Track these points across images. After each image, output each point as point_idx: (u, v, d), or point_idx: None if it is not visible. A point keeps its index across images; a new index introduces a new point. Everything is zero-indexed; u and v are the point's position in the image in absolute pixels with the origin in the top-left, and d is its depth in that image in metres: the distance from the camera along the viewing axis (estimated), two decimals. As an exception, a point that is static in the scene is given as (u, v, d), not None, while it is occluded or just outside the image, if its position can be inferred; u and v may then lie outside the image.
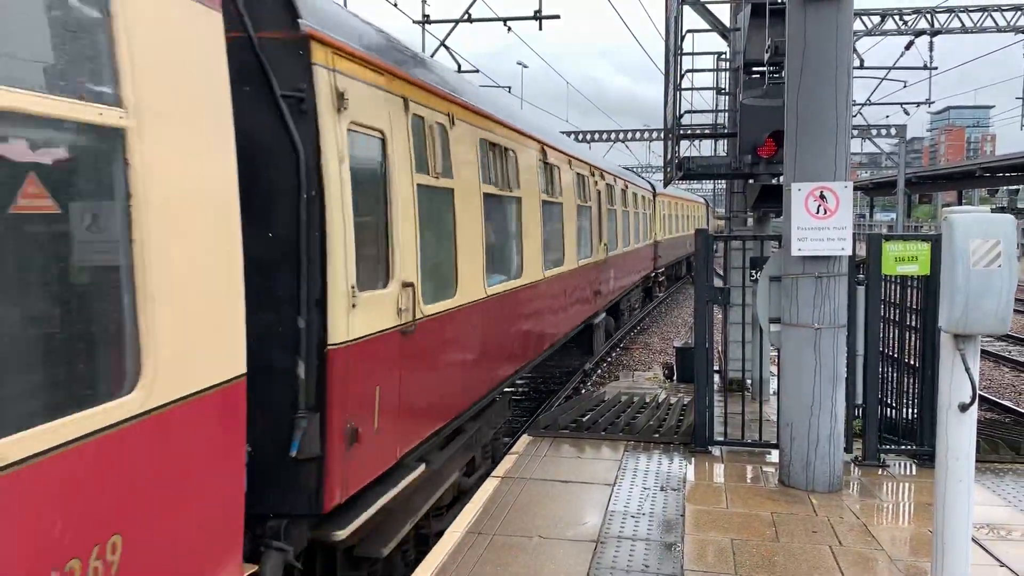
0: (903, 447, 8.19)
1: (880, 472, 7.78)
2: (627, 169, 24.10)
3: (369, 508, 5.18)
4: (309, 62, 4.64)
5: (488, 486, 7.33)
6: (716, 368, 11.06)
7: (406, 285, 5.77)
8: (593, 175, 14.22)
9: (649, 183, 25.35)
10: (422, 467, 6.13)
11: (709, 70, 12.00)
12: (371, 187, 5.42)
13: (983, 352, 17.72)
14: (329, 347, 4.73)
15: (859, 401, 7.96)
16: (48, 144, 2.80)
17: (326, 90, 4.75)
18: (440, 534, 6.36)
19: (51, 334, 2.87)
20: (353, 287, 4.95)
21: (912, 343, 8.24)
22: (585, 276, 13.51)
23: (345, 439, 4.83)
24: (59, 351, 2.90)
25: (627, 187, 18.74)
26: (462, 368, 7.26)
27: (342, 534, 4.84)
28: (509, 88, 31.51)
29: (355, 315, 4.98)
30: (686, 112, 11.70)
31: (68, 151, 2.91)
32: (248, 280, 3.88)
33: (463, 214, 7.19)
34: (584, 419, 9.45)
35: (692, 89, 11.98)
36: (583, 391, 14.05)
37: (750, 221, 11.87)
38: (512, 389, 10.65)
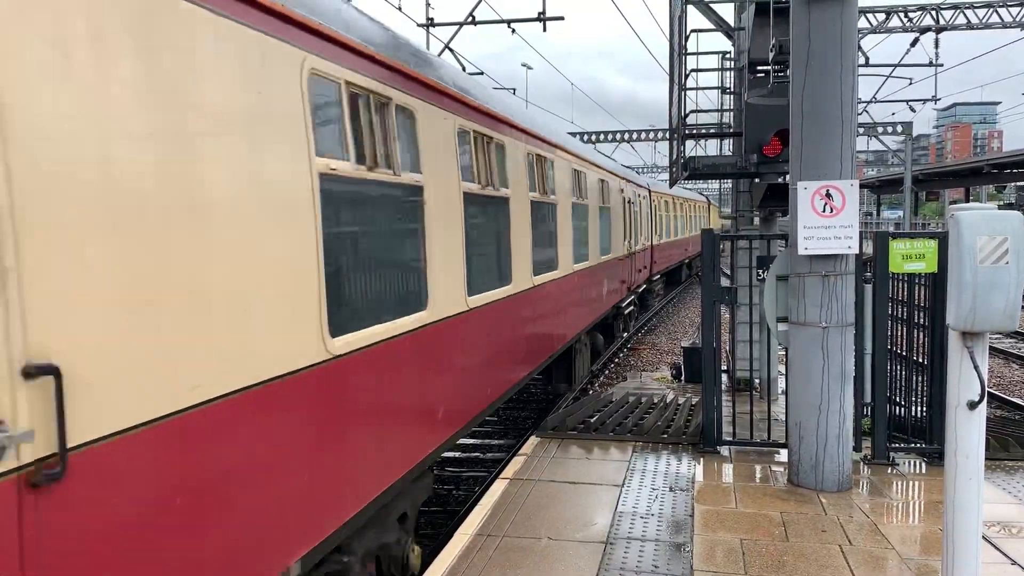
0: (912, 445, 8.16)
1: (889, 471, 7.75)
2: (630, 169, 23.20)
3: None
4: None
5: (497, 488, 7.33)
6: (724, 368, 11.04)
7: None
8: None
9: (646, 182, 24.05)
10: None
11: (714, 69, 12.00)
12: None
13: (992, 349, 17.67)
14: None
15: (868, 400, 7.94)
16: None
17: None
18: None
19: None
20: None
21: (920, 341, 8.22)
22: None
23: None
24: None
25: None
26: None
27: None
28: (514, 90, 31.52)
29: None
30: (691, 112, 11.70)
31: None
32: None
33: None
34: (592, 420, 9.45)
35: (697, 89, 11.98)
36: (591, 392, 14.04)
37: (756, 220, 11.86)
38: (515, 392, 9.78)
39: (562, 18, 18.96)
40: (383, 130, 5.41)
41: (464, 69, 19.25)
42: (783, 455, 7.98)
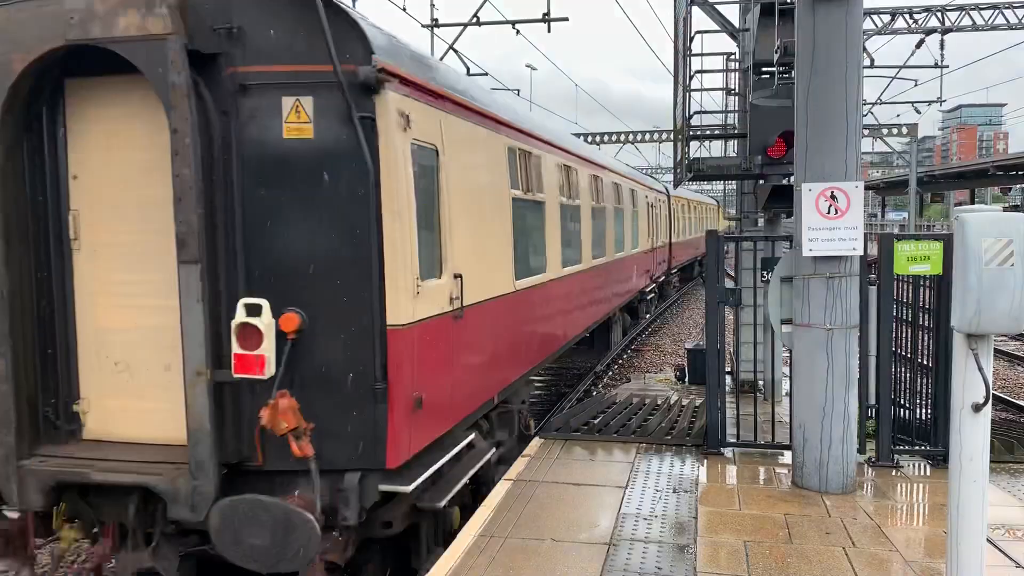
0: (917, 448, 8.14)
1: (894, 473, 7.74)
2: (637, 170, 25.27)
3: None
4: None
5: (500, 489, 7.33)
6: (728, 369, 11.02)
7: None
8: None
9: (664, 186, 27.25)
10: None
11: (718, 71, 11.99)
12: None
13: (996, 351, 17.62)
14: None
15: (872, 402, 7.92)
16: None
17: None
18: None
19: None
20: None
21: (925, 343, 8.20)
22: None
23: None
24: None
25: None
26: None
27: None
28: (518, 91, 31.50)
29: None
30: (696, 113, 11.69)
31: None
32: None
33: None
34: (596, 421, 9.45)
35: (702, 90, 11.97)
36: (594, 393, 14.04)
37: (761, 222, 11.84)
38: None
39: (566, 19, 18.96)
40: (528, 168, 9.22)
41: (468, 71, 19.28)
42: (787, 457, 7.96)
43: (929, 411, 8.17)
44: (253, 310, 5.17)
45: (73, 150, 5.62)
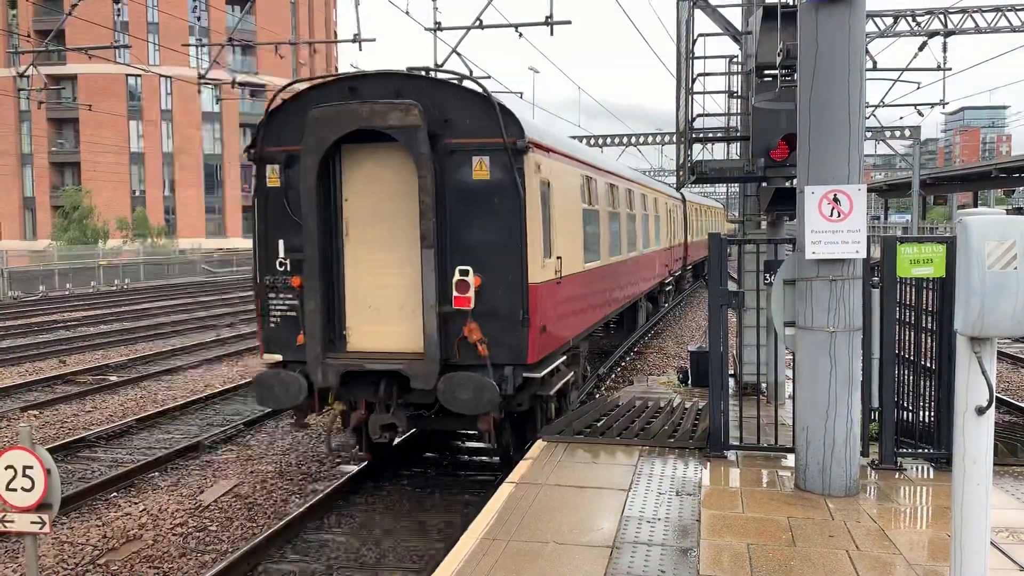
0: (920, 450, 8.13)
1: (897, 476, 7.73)
2: (641, 172, 27.51)
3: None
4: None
5: (503, 492, 7.33)
6: (731, 372, 11.02)
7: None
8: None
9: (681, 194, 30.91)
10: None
11: (721, 74, 11.99)
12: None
13: (999, 354, 17.57)
14: None
15: (875, 404, 7.91)
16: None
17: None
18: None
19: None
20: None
21: (928, 345, 8.19)
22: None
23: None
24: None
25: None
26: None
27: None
28: (521, 94, 31.43)
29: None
30: (698, 116, 11.69)
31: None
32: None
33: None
34: (598, 424, 9.44)
35: (704, 93, 11.96)
36: (597, 395, 14.03)
37: (763, 224, 11.83)
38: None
39: (569, 22, 18.97)
40: (590, 189, 12.42)
41: (471, 73, 19.26)
42: (790, 460, 7.95)
43: (932, 414, 8.15)
44: (464, 273, 8.75)
45: (345, 184, 9.17)
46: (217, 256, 58.15)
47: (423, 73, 9.17)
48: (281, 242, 9.10)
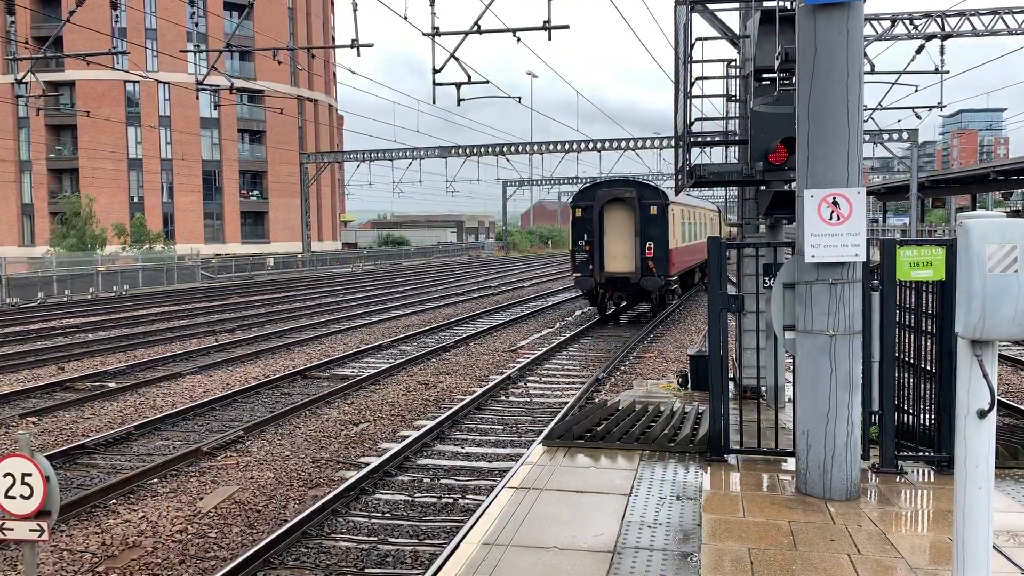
0: (921, 454, 8.12)
1: (898, 479, 7.72)
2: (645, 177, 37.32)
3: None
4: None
5: (503, 497, 7.31)
6: (731, 376, 11.01)
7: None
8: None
9: (716, 207, 44.41)
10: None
11: (719, 77, 11.99)
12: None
13: (1000, 356, 17.56)
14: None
15: (875, 408, 7.90)
16: None
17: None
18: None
19: None
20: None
21: (928, 348, 8.18)
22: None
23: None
24: None
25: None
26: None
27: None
28: (519, 99, 31.47)
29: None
30: (697, 120, 11.69)
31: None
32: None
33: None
34: (598, 428, 9.43)
35: (703, 96, 11.97)
36: (597, 400, 14.01)
37: (763, 228, 11.83)
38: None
39: (567, 26, 18.99)
40: (682, 213, 29.05)
41: (470, 79, 19.27)
42: (791, 463, 7.94)
43: (932, 417, 8.15)
44: (648, 246, 24.64)
45: (605, 215, 24.97)
46: (216, 262, 58.11)
47: (634, 179, 29.56)
48: (585, 235, 24.71)
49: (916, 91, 29.81)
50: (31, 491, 5.34)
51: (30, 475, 5.34)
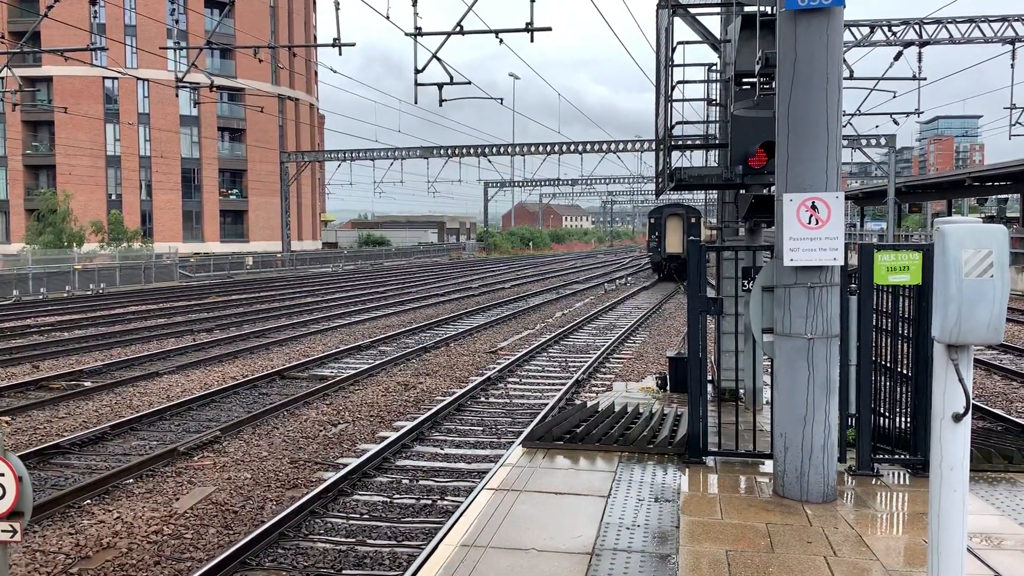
0: (897, 457, 8.19)
1: (874, 482, 7.78)
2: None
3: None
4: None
5: (481, 499, 7.30)
6: (709, 378, 11.06)
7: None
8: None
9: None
10: None
11: (700, 81, 12.05)
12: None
13: (974, 360, 17.74)
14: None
15: (852, 411, 7.96)
16: None
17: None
18: None
19: None
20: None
21: (904, 352, 8.26)
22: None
23: None
24: None
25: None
26: None
27: None
28: (502, 100, 31.45)
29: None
30: (677, 123, 11.73)
31: None
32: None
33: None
34: (578, 430, 9.44)
35: (683, 100, 12.03)
36: (576, 401, 14.03)
37: (742, 231, 11.90)
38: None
39: (549, 28, 19.02)
40: (695, 217, 50.02)
41: (452, 79, 19.24)
42: (768, 466, 7.99)
43: (908, 420, 8.22)
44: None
45: (667, 226, 48.46)
46: (194, 261, 57.67)
47: (681, 203, 50.12)
48: (655, 232, 48.99)
49: (894, 97, 30.14)
50: (3, 491, 5.26)
51: (2, 475, 5.26)
